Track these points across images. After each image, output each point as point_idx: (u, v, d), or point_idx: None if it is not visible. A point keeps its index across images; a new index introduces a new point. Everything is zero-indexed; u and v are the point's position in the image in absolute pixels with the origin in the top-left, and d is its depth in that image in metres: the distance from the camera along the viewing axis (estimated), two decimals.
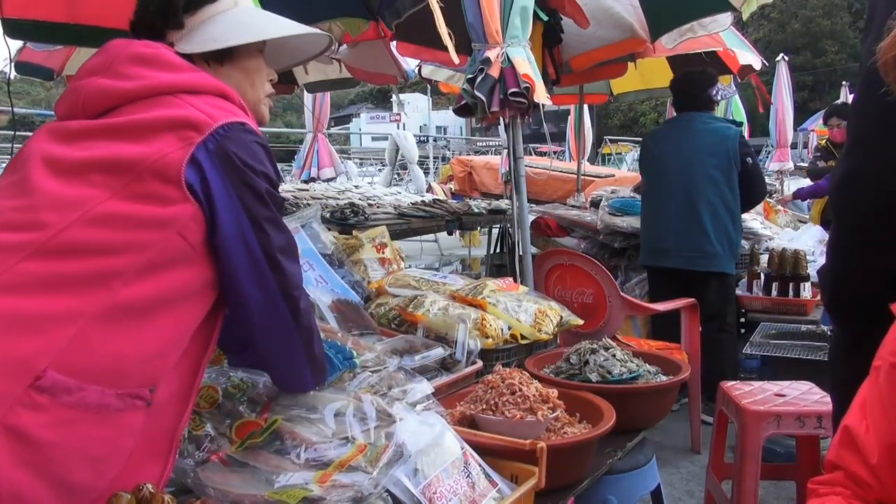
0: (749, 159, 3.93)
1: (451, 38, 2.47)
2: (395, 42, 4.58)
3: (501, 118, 2.94)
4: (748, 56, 5.15)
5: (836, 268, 1.35)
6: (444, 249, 11.13)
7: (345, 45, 4.50)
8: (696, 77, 4.11)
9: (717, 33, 4.40)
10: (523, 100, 2.72)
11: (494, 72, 2.71)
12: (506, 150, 4.35)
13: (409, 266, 3.05)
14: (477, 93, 2.71)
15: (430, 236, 10.82)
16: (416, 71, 5.41)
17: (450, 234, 10.96)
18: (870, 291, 1.28)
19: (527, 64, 2.75)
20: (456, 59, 2.55)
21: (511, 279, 2.75)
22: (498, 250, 7.64)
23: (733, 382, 2.94)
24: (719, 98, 4.04)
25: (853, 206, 1.28)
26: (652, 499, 2.26)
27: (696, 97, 4.04)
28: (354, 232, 3.04)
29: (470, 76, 2.76)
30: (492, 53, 2.72)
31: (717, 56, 5.14)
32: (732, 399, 2.75)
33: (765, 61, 5.33)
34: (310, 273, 2.53)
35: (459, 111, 2.89)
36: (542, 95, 2.75)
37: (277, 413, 1.28)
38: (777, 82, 8.72)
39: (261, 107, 1.36)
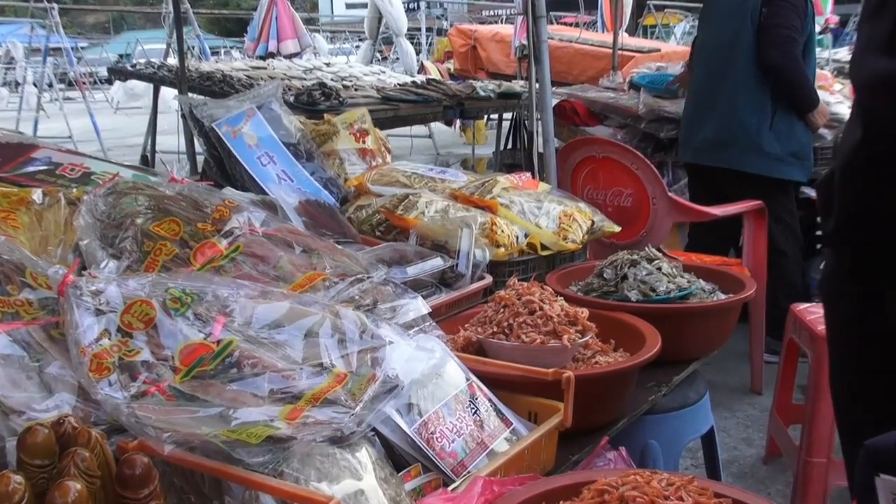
0: (765, 9, 3.64)
1: None
2: None
3: None
4: None
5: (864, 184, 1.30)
6: (441, 147, 11.06)
7: None
8: None
9: None
10: None
11: None
12: (521, 17, 4.23)
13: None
14: None
15: (423, 129, 10.73)
16: None
17: (448, 124, 10.81)
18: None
19: None
20: None
21: (528, 175, 2.71)
22: (510, 146, 7.60)
23: (807, 305, 2.95)
24: None
25: None
26: (703, 445, 2.30)
27: None
28: (327, 116, 2.97)
29: None
30: None
31: None
32: (806, 325, 2.77)
33: None
34: (270, 167, 2.50)
35: None
36: None
37: (233, 332, 1.27)
38: None
39: None
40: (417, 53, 12.59)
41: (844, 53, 9.37)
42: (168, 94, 7.78)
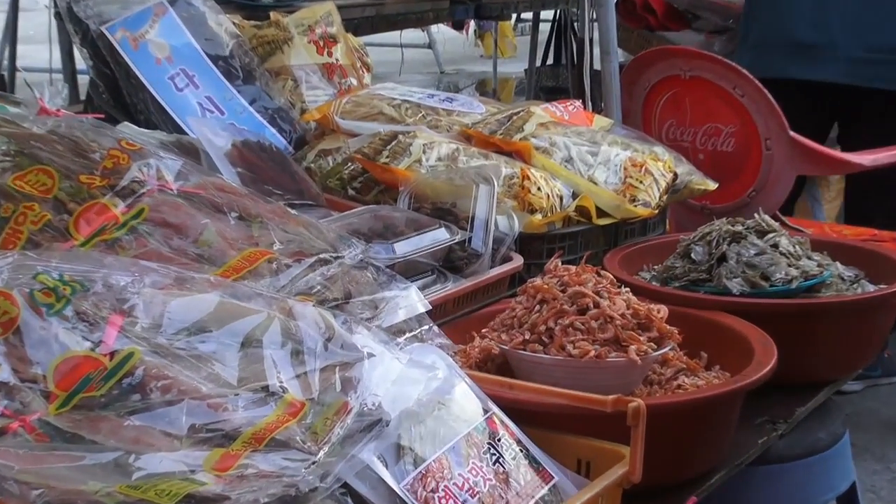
0: None
1: None
2: None
3: None
4: None
5: None
6: (448, 62, 11.02)
7: None
8: None
9: None
10: None
11: None
12: None
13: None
14: None
15: (420, 35, 10.69)
16: None
17: (458, 28, 10.78)
18: None
19: None
20: None
21: (578, 103, 2.71)
22: (551, 61, 7.57)
23: None
24: None
25: None
26: None
27: None
28: (274, 15, 2.96)
29: None
30: None
31: None
32: None
33: None
34: (188, 93, 2.50)
35: None
36: None
37: (134, 340, 1.28)
38: None
39: None
40: None
41: None
42: None
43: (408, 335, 1.52)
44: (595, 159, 2.39)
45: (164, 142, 2.06)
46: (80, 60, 2.77)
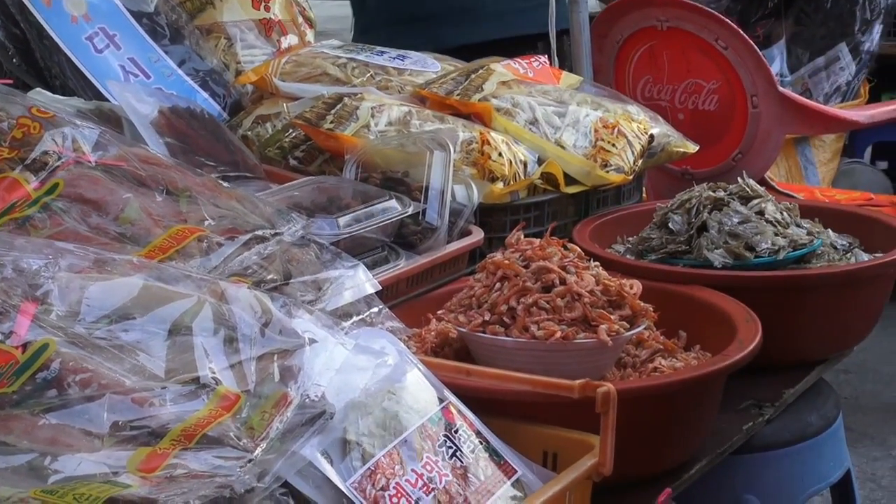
0: None
1: None
2: None
3: None
4: None
5: None
6: None
7: None
8: None
9: None
10: None
11: None
12: None
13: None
14: None
15: None
16: None
17: None
18: None
19: None
20: None
21: (545, 59, 2.70)
22: None
23: None
24: None
25: None
26: (833, 497, 2.32)
27: None
28: None
29: None
30: None
31: None
32: None
33: None
34: (109, 55, 2.48)
35: None
36: None
37: (49, 330, 1.27)
38: None
39: None
40: None
41: None
42: None
43: (355, 319, 1.51)
44: (562, 121, 2.38)
45: (82, 109, 2.05)
46: None
